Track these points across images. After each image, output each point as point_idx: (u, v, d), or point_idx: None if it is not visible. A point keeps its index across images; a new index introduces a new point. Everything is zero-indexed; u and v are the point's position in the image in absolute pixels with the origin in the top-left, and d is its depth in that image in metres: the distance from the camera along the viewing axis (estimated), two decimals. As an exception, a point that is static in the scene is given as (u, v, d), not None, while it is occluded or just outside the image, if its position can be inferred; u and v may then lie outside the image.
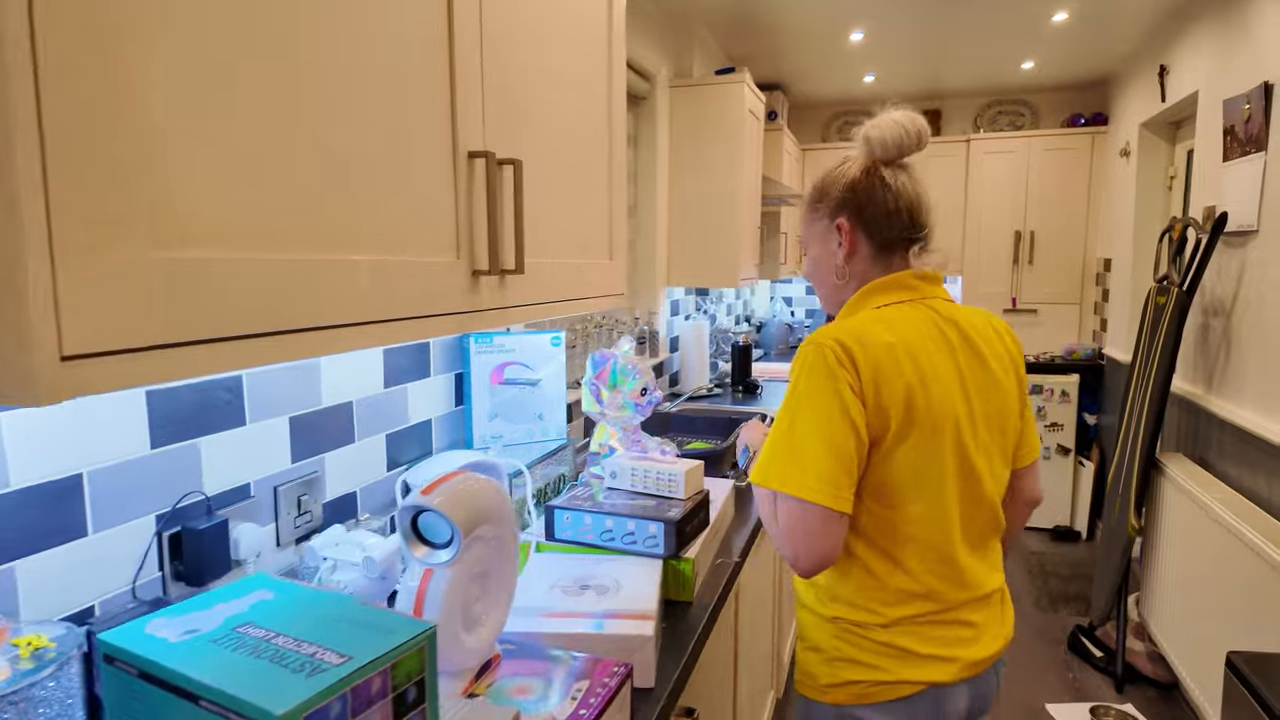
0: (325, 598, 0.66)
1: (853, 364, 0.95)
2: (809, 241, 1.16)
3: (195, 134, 0.59)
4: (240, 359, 0.64)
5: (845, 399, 0.94)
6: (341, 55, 0.72)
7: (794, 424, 0.96)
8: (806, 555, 0.94)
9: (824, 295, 1.16)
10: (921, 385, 0.97)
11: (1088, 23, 3.10)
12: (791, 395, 0.98)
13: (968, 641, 1.02)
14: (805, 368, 0.97)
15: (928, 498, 0.99)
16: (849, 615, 1.03)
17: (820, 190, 1.11)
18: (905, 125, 1.05)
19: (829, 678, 1.04)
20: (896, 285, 1.06)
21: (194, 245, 0.59)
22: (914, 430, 0.96)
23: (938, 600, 1.01)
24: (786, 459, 0.96)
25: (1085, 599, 3.26)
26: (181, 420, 0.97)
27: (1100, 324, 4.06)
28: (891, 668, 1.00)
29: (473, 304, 0.99)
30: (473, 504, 0.77)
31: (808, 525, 0.94)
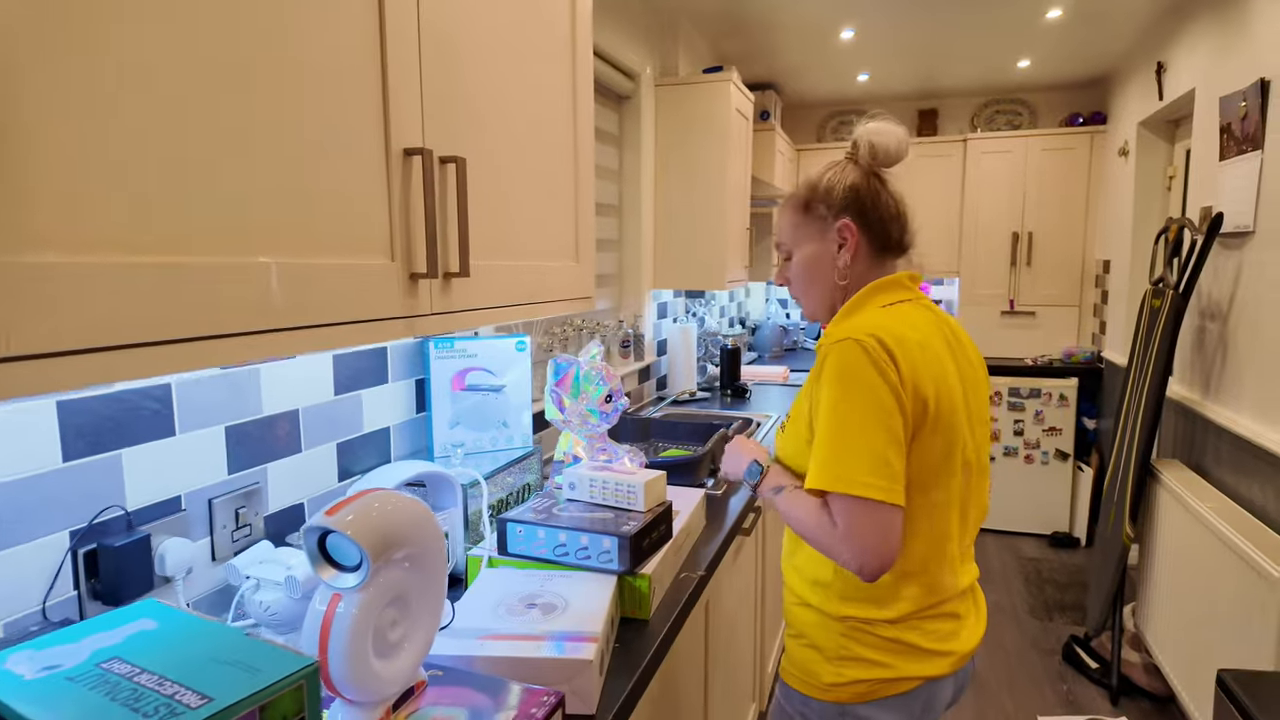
0: (210, 630, 0.61)
1: (892, 359, 0.96)
2: (798, 242, 1.14)
3: (57, 120, 0.54)
4: (117, 370, 0.59)
5: (896, 393, 0.95)
6: (245, 39, 0.67)
7: (847, 423, 0.95)
8: (878, 559, 0.94)
9: (816, 296, 1.14)
10: (943, 382, 1.01)
11: (1083, 19, 3.03)
12: (837, 394, 0.96)
13: (957, 634, 1.07)
14: (848, 364, 0.96)
15: (941, 491, 1.02)
16: (860, 613, 1.04)
17: (816, 191, 1.11)
18: (901, 136, 1.10)
19: (834, 676, 1.05)
20: (896, 285, 1.09)
21: (53, 248, 0.55)
22: (937, 425, 0.99)
23: (937, 592, 1.05)
24: (850, 461, 0.94)
25: (1082, 608, 3.19)
26: (99, 431, 0.93)
27: (1099, 326, 3.99)
28: (897, 664, 1.03)
29: (411, 308, 0.94)
30: (385, 525, 0.72)
31: (880, 527, 0.94)
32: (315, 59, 0.77)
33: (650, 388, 3.00)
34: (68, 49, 0.55)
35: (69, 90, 0.54)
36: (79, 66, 0.55)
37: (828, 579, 1.07)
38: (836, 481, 0.95)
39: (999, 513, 4.08)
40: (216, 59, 0.65)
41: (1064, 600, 3.28)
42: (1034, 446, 3.98)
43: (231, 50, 0.67)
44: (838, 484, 0.95)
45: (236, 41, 0.67)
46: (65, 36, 0.54)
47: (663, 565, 1.21)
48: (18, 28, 0.51)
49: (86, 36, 0.56)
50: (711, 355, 3.54)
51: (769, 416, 2.65)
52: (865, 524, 0.94)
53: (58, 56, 0.54)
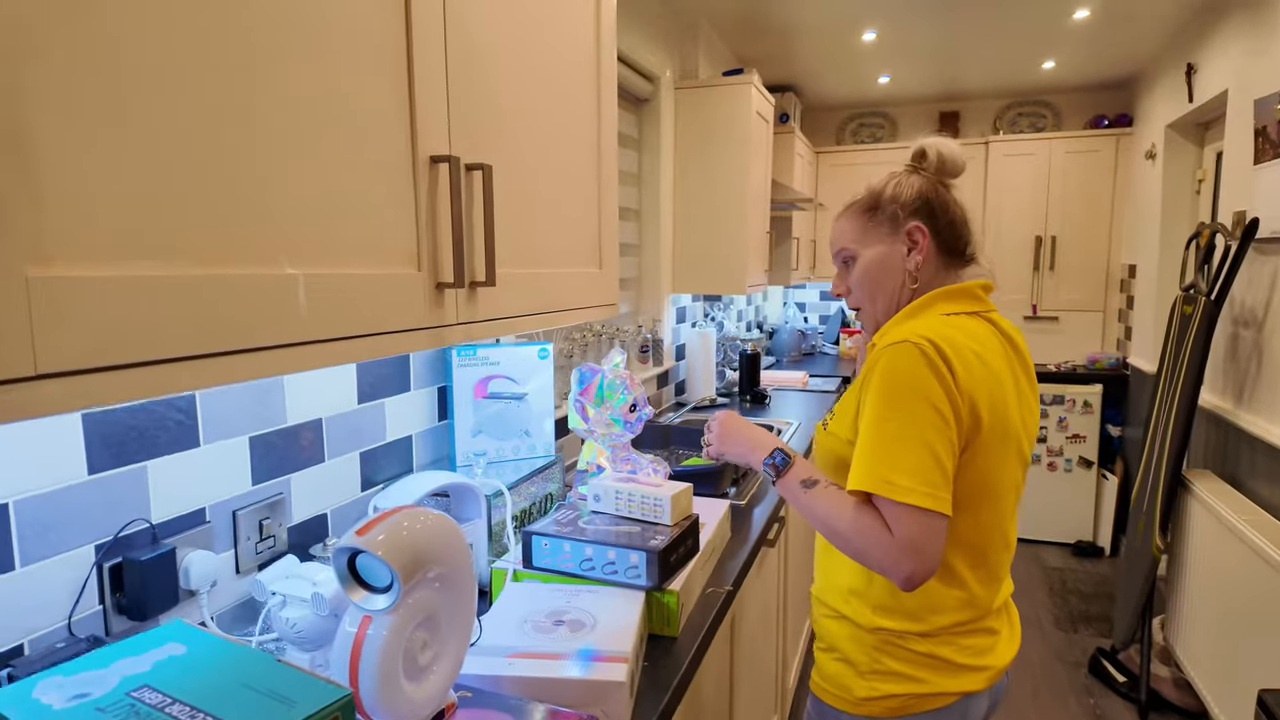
0: (241, 655, 0.59)
1: (948, 366, 0.93)
2: (865, 244, 1.11)
3: (77, 126, 0.52)
4: (145, 387, 0.58)
5: (953, 399, 0.93)
6: (271, 46, 0.66)
7: (898, 426, 0.92)
8: (923, 568, 0.91)
9: (882, 300, 1.10)
10: (999, 395, 0.99)
11: (1111, 20, 2.98)
12: (889, 396, 0.93)
13: (992, 649, 1.05)
14: (903, 367, 0.93)
15: (991, 506, 1.01)
16: (895, 625, 1.02)
17: (883, 196, 1.10)
18: (960, 151, 1.12)
19: (866, 691, 1.04)
20: (965, 294, 1.06)
21: (78, 261, 0.53)
22: (990, 439, 0.97)
23: (977, 607, 1.03)
24: (898, 465, 0.91)
25: (1108, 619, 3.13)
26: (125, 443, 0.91)
27: (1125, 332, 3.92)
28: (931, 679, 1.01)
29: (438, 319, 0.92)
30: (415, 545, 0.70)
31: (929, 534, 0.90)
32: (342, 64, 0.75)
33: (669, 393, 2.98)
34: (86, 54, 0.53)
35: (88, 95, 0.53)
36: (97, 73, 0.54)
37: (861, 588, 1.05)
38: (882, 485, 0.91)
39: (1022, 521, 4.01)
40: (240, 64, 0.64)
41: (1089, 611, 3.22)
42: (1057, 454, 3.92)
43: (256, 56, 0.65)
44: (883, 488, 0.91)
45: (260, 47, 0.66)
46: (83, 41, 0.53)
47: (690, 580, 1.18)
48: (33, 28, 0.50)
49: (104, 42, 0.54)
50: (730, 360, 3.52)
51: (790, 423, 2.62)
52: (924, 535, 0.90)
53: (76, 62, 0.53)
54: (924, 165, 1.11)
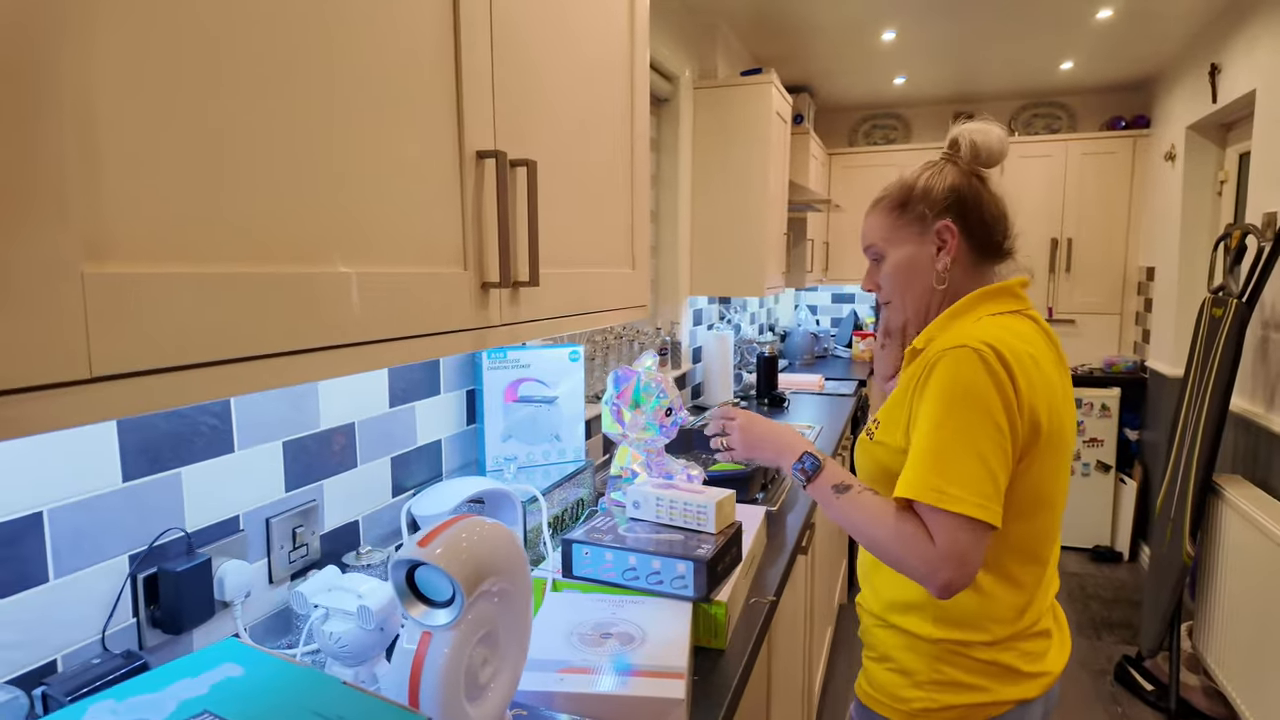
0: (302, 677, 0.55)
1: (1008, 372, 0.90)
2: (893, 243, 1.07)
3: (139, 122, 0.49)
4: (202, 390, 0.54)
5: (1011, 409, 0.89)
6: (324, 42, 0.62)
7: (955, 435, 0.89)
8: (962, 578, 0.88)
9: (910, 301, 1.07)
10: (1055, 400, 0.96)
11: (1134, 20, 2.95)
12: (948, 403, 0.90)
13: (1048, 653, 1.03)
14: (963, 373, 0.90)
15: (1047, 511, 0.99)
16: (959, 636, 0.99)
17: (913, 191, 1.05)
18: (1002, 135, 1.04)
19: (924, 701, 1.01)
20: (1007, 294, 1.03)
21: (138, 259, 0.50)
22: (1048, 444, 0.95)
23: (1035, 612, 1.01)
24: (954, 475, 0.87)
25: (1130, 625, 3.09)
26: (159, 449, 0.88)
27: (1142, 335, 3.88)
28: (994, 688, 0.99)
29: (482, 320, 0.88)
30: (477, 555, 0.66)
31: (976, 545, 0.88)
32: (392, 57, 0.72)
33: (686, 396, 2.94)
34: (150, 38, 0.50)
35: (151, 81, 0.50)
36: (160, 58, 0.50)
37: (919, 601, 1.01)
38: (933, 494, 0.88)
39: (1038, 525, 3.97)
40: (295, 58, 0.60)
41: (1111, 618, 3.18)
42: (1075, 458, 3.88)
43: (309, 50, 0.62)
44: (933, 497, 0.88)
45: (314, 42, 0.62)
46: (147, 26, 0.50)
47: (736, 590, 1.14)
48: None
49: (168, 26, 0.51)
50: (747, 363, 3.48)
51: (811, 427, 2.58)
52: (971, 545, 0.87)
53: (141, 47, 0.49)
54: (958, 156, 1.05)
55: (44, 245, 0.44)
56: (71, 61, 0.45)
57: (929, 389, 0.93)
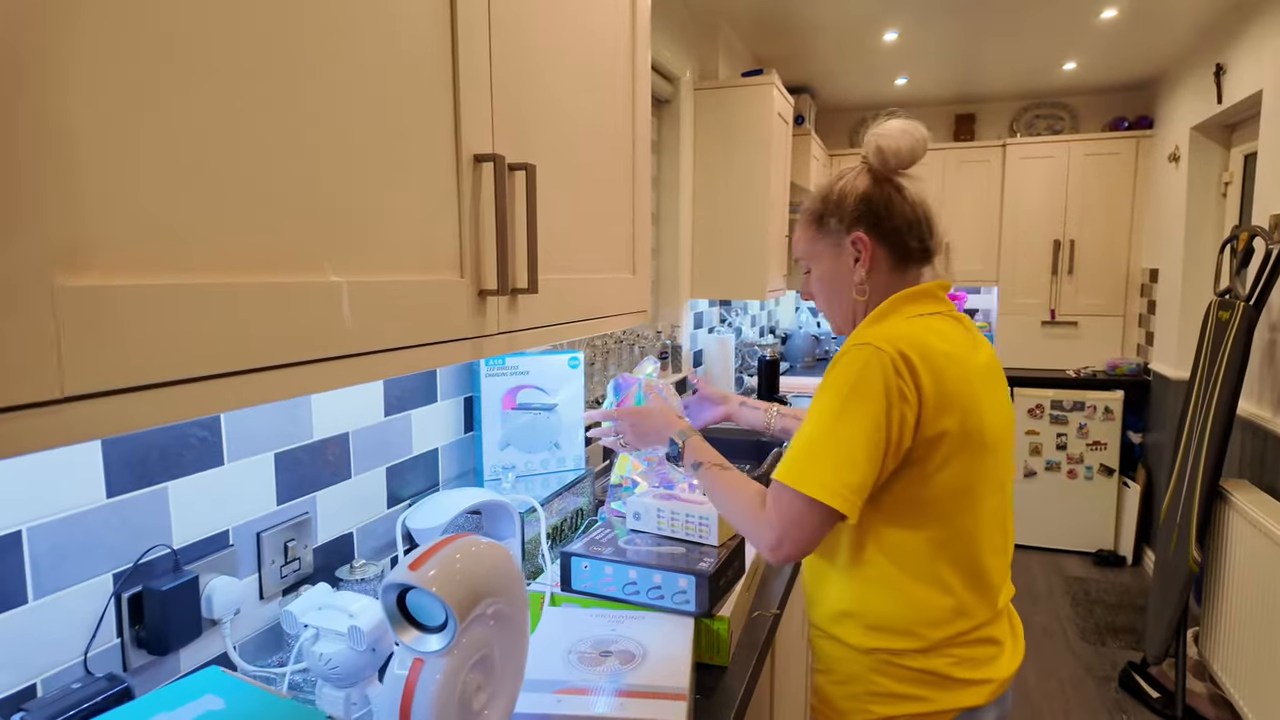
0: (285, 711, 0.52)
1: (912, 374, 0.91)
2: (815, 258, 1.10)
3: (117, 126, 0.46)
4: (185, 408, 0.52)
5: (897, 408, 0.90)
6: (315, 39, 0.59)
7: (835, 427, 0.91)
8: (797, 549, 0.92)
9: (838, 311, 1.10)
10: (975, 398, 0.96)
11: (1138, 20, 2.92)
12: (837, 395, 0.92)
13: (995, 660, 1.00)
14: (859, 369, 0.91)
15: (971, 512, 0.98)
16: (890, 644, 0.98)
17: (827, 204, 1.06)
18: (914, 134, 1.02)
19: (862, 715, 1.00)
20: (928, 295, 1.04)
21: (115, 270, 0.47)
22: (967, 444, 0.95)
23: (971, 616, 0.99)
24: (826, 464, 0.90)
25: (1135, 631, 3.06)
26: (146, 464, 0.85)
27: (1146, 337, 3.86)
28: (931, 696, 0.97)
29: (479, 328, 0.86)
30: (471, 578, 0.64)
31: (817, 525, 0.91)
32: (387, 58, 0.69)
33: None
34: (128, 39, 0.47)
35: (130, 82, 0.47)
36: (140, 59, 0.48)
37: (852, 609, 1.00)
38: (800, 480, 0.90)
39: (1041, 529, 3.95)
40: (285, 60, 0.58)
41: (1115, 623, 3.15)
42: (1077, 461, 3.86)
43: (301, 51, 0.59)
44: (800, 482, 0.90)
45: (306, 43, 0.60)
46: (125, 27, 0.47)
47: (738, 604, 1.12)
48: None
49: (148, 29, 0.48)
50: (748, 366, 3.45)
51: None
52: (812, 523, 0.90)
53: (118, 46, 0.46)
54: (878, 161, 1.04)
55: (12, 257, 0.41)
56: (45, 62, 0.42)
57: (824, 382, 0.95)
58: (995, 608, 1.01)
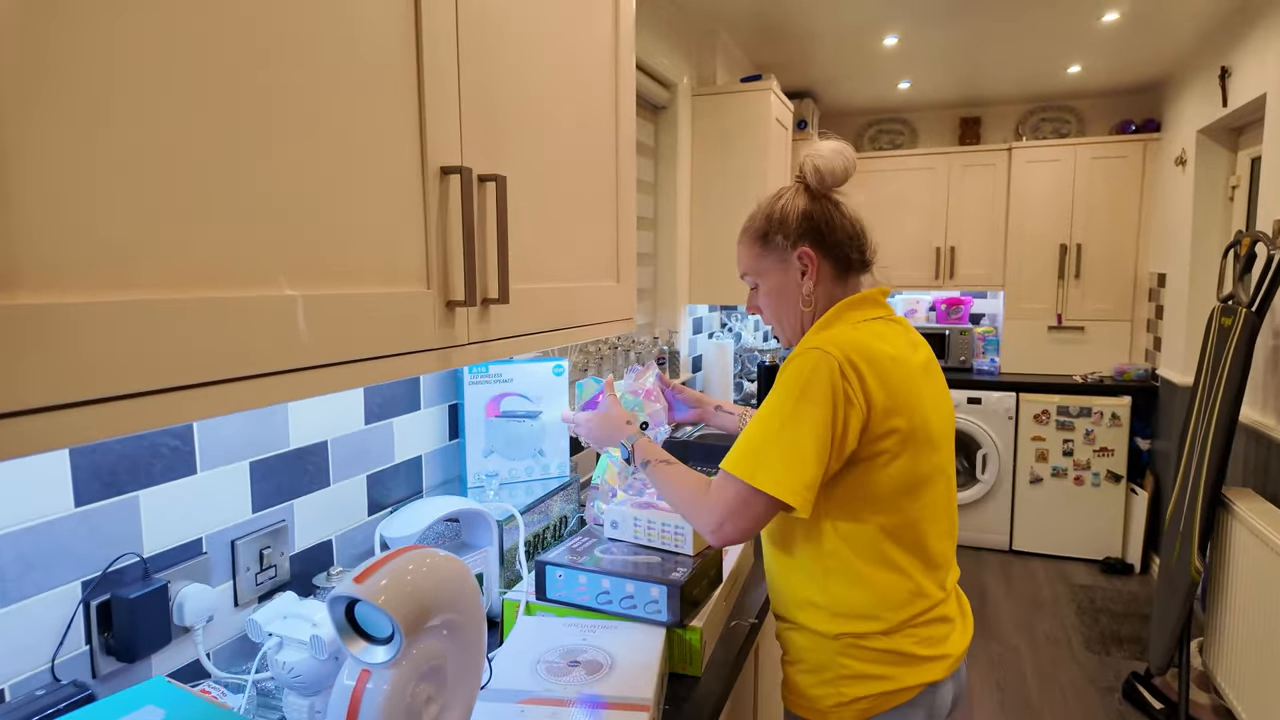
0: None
1: (859, 377, 0.96)
2: (763, 274, 1.14)
3: (62, 144, 0.47)
4: (128, 422, 0.52)
5: (842, 410, 0.95)
6: (267, 52, 0.60)
7: (785, 427, 0.95)
8: (738, 532, 0.97)
9: (788, 324, 1.14)
10: (918, 396, 1.02)
11: (1140, 23, 2.90)
12: (788, 396, 0.97)
13: (949, 637, 1.07)
14: (809, 372, 0.96)
15: (919, 501, 1.03)
16: (855, 628, 1.03)
17: (770, 222, 1.12)
18: (846, 154, 1.09)
19: (835, 698, 1.04)
20: (869, 302, 1.10)
21: (55, 288, 0.48)
22: (913, 438, 1.01)
23: (927, 597, 1.05)
24: (776, 461, 0.95)
25: (1140, 640, 3.03)
26: (115, 472, 0.86)
27: (1154, 343, 3.81)
28: (897, 675, 1.02)
29: (448, 339, 0.86)
30: (420, 593, 0.64)
31: (760, 513, 0.96)
32: (345, 67, 0.69)
33: (686, 406, 2.91)
34: (67, 54, 0.48)
35: (69, 97, 0.48)
36: (81, 73, 0.48)
37: (818, 599, 1.05)
38: (750, 475, 0.95)
39: (1047, 536, 3.91)
40: (236, 69, 0.58)
41: (1121, 632, 3.11)
42: (1084, 467, 3.82)
43: (252, 59, 0.60)
44: (752, 478, 0.95)
45: (258, 50, 0.60)
46: (65, 43, 0.47)
47: (714, 614, 1.11)
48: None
49: (88, 42, 0.49)
50: (747, 371, 3.44)
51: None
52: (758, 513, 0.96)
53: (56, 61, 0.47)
54: (806, 181, 1.11)
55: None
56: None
57: (776, 383, 1.00)
58: (946, 588, 1.08)
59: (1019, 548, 3.97)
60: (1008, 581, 3.65)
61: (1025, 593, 3.52)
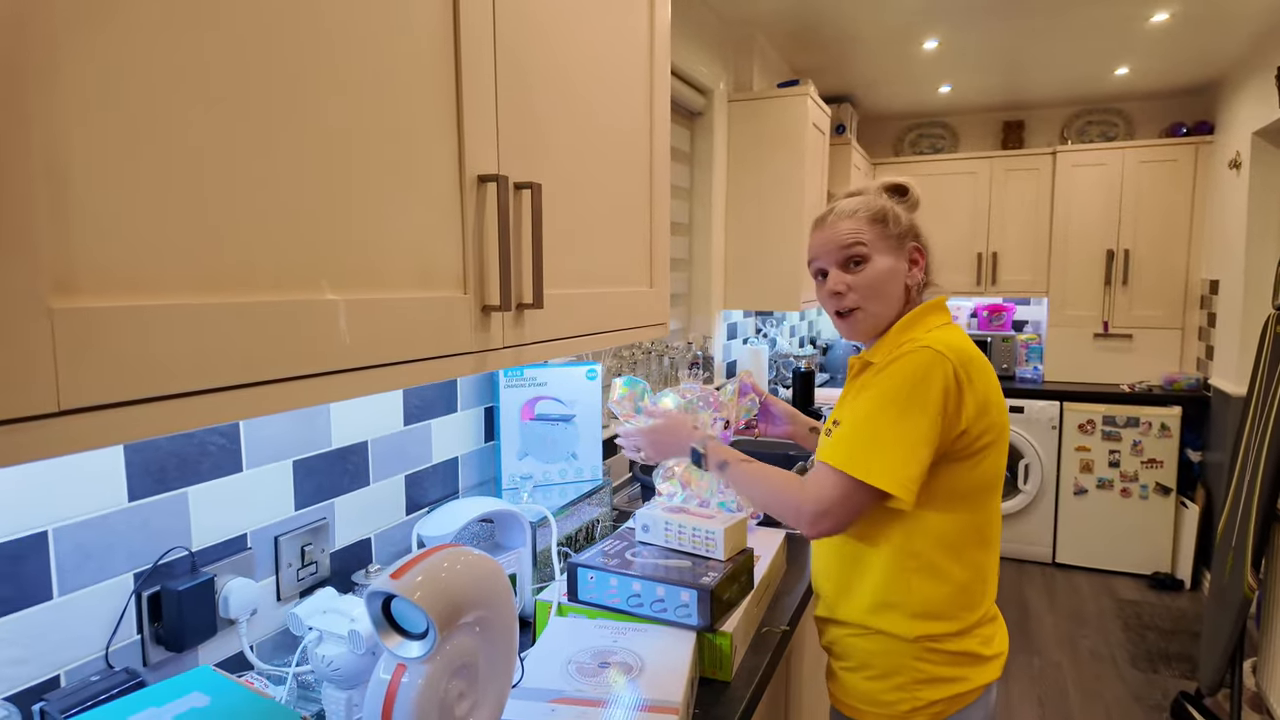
0: (265, 711, 0.55)
1: (968, 377, 1.01)
2: (878, 250, 1.12)
3: (114, 155, 0.49)
4: (176, 421, 0.55)
5: (953, 406, 1.00)
6: (313, 64, 0.63)
7: (899, 420, 0.98)
8: (838, 526, 1.01)
9: (879, 308, 1.12)
10: (1000, 398, 1.08)
11: (1192, 23, 2.82)
12: (900, 391, 1.00)
13: (996, 635, 1.11)
14: (925, 370, 0.99)
15: (997, 499, 1.10)
16: (934, 629, 1.05)
17: (887, 213, 1.14)
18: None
19: (909, 703, 1.06)
20: (941, 309, 1.15)
21: (108, 292, 0.50)
22: (1000, 438, 1.06)
23: (990, 596, 1.11)
24: (888, 454, 0.98)
25: (1190, 659, 2.93)
26: (166, 469, 0.90)
27: (1205, 351, 3.69)
28: (968, 675, 1.06)
29: (483, 343, 0.88)
30: (453, 590, 0.65)
31: (862, 504, 1.00)
32: (387, 81, 0.72)
33: (720, 411, 2.90)
34: (118, 71, 0.50)
35: (121, 113, 0.50)
36: (131, 91, 0.51)
37: (895, 599, 1.06)
38: (865, 471, 0.98)
39: (1091, 549, 3.81)
40: (281, 83, 0.61)
41: (1169, 650, 3.01)
42: (1131, 479, 3.71)
43: (298, 74, 0.62)
44: (866, 474, 0.98)
45: (303, 65, 0.63)
46: (115, 58, 0.50)
47: (745, 619, 1.11)
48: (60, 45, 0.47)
49: (140, 60, 0.51)
50: (783, 378, 3.43)
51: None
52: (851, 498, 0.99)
53: (108, 80, 0.50)
54: (906, 200, 1.17)
55: (8, 282, 0.45)
56: (38, 83, 0.45)
57: (884, 376, 1.02)
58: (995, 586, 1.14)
59: (1062, 560, 3.88)
60: (1050, 595, 3.56)
61: (1069, 607, 3.43)
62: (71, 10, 0.47)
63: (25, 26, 0.45)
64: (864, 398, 1.03)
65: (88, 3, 0.48)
